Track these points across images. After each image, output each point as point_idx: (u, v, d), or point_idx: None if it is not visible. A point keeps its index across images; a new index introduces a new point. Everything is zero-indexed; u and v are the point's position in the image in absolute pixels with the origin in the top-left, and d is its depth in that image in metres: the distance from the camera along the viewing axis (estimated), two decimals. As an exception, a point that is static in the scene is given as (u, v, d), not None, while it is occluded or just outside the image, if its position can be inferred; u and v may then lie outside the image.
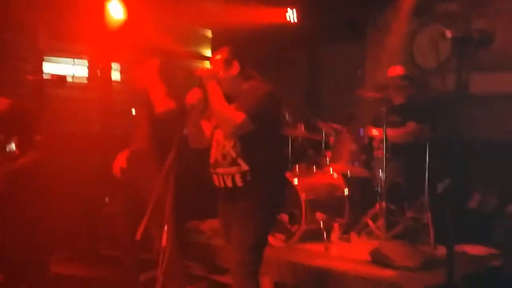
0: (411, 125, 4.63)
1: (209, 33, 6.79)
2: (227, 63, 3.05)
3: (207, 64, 3.02)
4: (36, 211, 4.35)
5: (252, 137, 2.92)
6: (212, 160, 3.08)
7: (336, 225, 4.43)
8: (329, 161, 4.86)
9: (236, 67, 3.05)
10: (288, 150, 5.19)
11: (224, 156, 3.00)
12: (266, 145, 2.99)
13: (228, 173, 2.98)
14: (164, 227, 2.74)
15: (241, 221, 2.99)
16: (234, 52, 3.10)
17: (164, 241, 2.74)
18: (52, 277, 4.58)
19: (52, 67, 5.43)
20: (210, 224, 4.81)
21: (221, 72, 3.03)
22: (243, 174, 2.94)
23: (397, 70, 4.93)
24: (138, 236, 2.74)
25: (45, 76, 5.18)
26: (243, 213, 2.99)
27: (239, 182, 2.95)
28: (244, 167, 2.93)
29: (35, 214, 4.34)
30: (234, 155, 2.96)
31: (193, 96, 2.94)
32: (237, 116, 2.88)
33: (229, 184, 2.98)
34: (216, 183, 3.07)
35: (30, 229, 4.36)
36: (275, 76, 6.27)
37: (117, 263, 4.14)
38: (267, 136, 2.98)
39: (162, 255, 2.73)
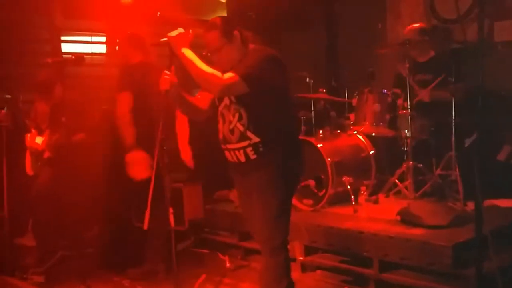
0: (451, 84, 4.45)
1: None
2: (227, 35, 2.86)
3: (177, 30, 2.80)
4: (67, 190, 4.49)
5: (256, 107, 2.83)
6: (220, 136, 2.99)
7: (363, 187, 4.41)
8: (353, 123, 4.81)
9: (237, 37, 2.89)
10: (311, 114, 5.14)
11: (232, 131, 2.90)
12: (274, 114, 2.87)
13: (239, 148, 2.89)
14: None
15: (259, 194, 2.92)
16: (229, 21, 2.92)
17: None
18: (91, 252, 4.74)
19: (70, 46, 5.46)
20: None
21: (219, 45, 2.84)
22: (255, 147, 2.85)
23: (417, 24, 4.79)
24: (145, 226, 2.81)
25: (64, 56, 5.21)
26: (260, 186, 2.91)
27: (251, 155, 2.87)
28: (255, 139, 2.84)
29: (67, 193, 4.48)
30: (242, 129, 2.85)
31: (165, 82, 2.80)
32: (227, 76, 2.75)
33: (242, 159, 2.90)
34: (229, 158, 2.99)
35: (63, 207, 4.51)
36: (293, 40, 6.24)
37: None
38: (272, 104, 2.85)
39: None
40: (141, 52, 4.20)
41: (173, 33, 2.82)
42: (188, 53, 2.80)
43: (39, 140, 4.37)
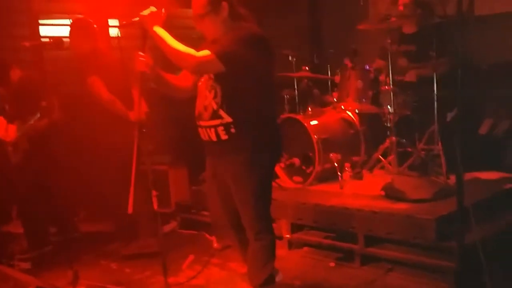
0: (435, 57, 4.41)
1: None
2: (213, 3, 2.80)
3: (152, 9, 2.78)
4: (52, 175, 4.46)
5: (232, 87, 2.77)
6: (196, 112, 2.93)
7: (347, 164, 4.44)
8: (336, 100, 4.81)
9: (225, 9, 2.82)
10: (294, 92, 5.13)
11: (205, 108, 2.84)
12: (250, 96, 2.79)
13: (210, 126, 2.83)
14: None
15: (235, 179, 2.87)
16: None
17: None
18: (80, 236, 4.74)
19: (47, 29, 5.36)
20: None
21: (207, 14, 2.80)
22: (226, 127, 2.79)
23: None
24: (130, 210, 2.80)
25: (42, 40, 5.13)
26: (234, 170, 2.86)
27: (222, 136, 2.81)
28: (227, 119, 2.77)
29: (52, 178, 4.46)
30: (215, 106, 2.79)
31: (140, 63, 2.79)
32: (201, 54, 2.70)
33: (214, 138, 2.84)
34: (202, 136, 2.94)
35: (49, 192, 4.49)
36: (275, 18, 6.18)
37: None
38: (250, 85, 2.78)
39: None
40: (91, 39, 4.25)
41: (145, 12, 2.79)
42: (161, 31, 2.77)
43: (10, 129, 4.30)
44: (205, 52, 2.73)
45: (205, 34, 2.91)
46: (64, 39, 4.17)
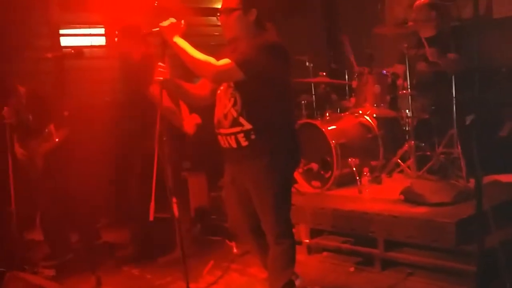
0: (451, 56, 4.40)
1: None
2: (245, 4, 2.86)
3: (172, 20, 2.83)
4: (73, 184, 4.52)
5: (252, 94, 2.81)
6: (215, 120, 2.98)
7: (365, 168, 4.43)
8: (354, 105, 4.81)
9: (253, 13, 2.87)
10: (312, 98, 5.15)
11: (225, 116, 2.88)
12: (269, 103, 2.84)
13: (231, 133, 2.88)
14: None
15: (255, 185, 2.92)
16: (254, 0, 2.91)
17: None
18: (102, 243, 4.79)
19: (68, 39, 5.46)
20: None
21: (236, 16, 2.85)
22: (246, 134, 2.83)
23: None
24: (151, 217, 2.84)
25: (63, 50, 5.22)
26: (254, 176, 2.90)
27: (243, 142, 2.85)
28: (247, 126, 2.82)
29: (72, 186, 4.52)
30: (235, 114, 2.84)
31: (159, 73, 2.84)
32: (222, 63, 2.75)
33: (234, 145, 2.88)
34: (222, 143, 2.97)
35: (70, 200, 4.55)
36: (292, 25, 6.22)
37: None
38: (269, 93, 2.83)
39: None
40: (140, 44, 4.20)
41: (165, 23, 2.84)
42: (181, 41, 2.82)
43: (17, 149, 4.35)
44: (225, 61, 2.77)
45: (226, 31, 2.95)
46: (85, 49, 4.23)
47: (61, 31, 5.41)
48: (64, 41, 5.45)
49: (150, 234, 4.44)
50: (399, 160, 4.56)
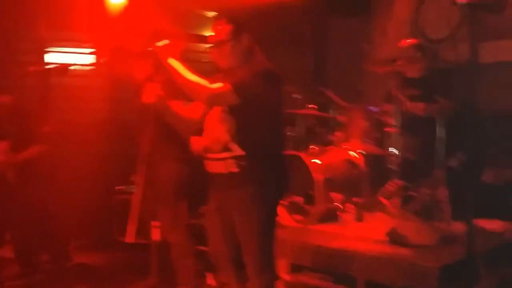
0: (439, 104, 4.41)
1: (209, 14, 6.67)
2: (237, 33, 2.84)
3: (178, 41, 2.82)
4: (48, 202, 4.41)
5: (245, 120, 2.76)
6: (201, 144, 2.91)
7: (350, 205, 4.38)
8: (340, 140, 4.79)
9: (245, 39, 2.85)
10: (297, 130, 5.11)
11: (216, 140, 2.82)
12: (262, 129, 2.80)
13: (220, 158, 2.81)
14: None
15: (241, 213, 2.85)
16: (244, 23, 2.89)
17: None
18: (73, 266, 4.64)
19: (54, 56, 5.39)
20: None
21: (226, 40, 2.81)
22: (237, 159, 2.77)
23: (410, 40, 4.79)
24: (130, 239, 2.74)
25: (47, 66, 5.13)
26: (241, 204, 2.84)
27: (233, 168, 2.78)
28: (238, 152, 2.76)
29: (47, 204, 4.40)
30: (228, 139, 2.78)
31: (149, 95, 2.81)
32: (216, 86, 2.71)
33: (223, 170, 2.81)
34: (209, 168, 2.91)
35: (43, 219, 4.43)
36: (280, 55, 6.23)
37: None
38: (262, 119, 2.79)
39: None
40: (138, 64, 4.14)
41: (160, 43, 2.80)
42: (175, 63, 2.77)
43: None
44: (220, 84, 2.72)
45: (219, 63, 2.91)
46: (70, 67, 4.15)
47: (48, 49, 5.34)
48: (52, 58, 5.38)
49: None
50: (382, 198, 4.52)
